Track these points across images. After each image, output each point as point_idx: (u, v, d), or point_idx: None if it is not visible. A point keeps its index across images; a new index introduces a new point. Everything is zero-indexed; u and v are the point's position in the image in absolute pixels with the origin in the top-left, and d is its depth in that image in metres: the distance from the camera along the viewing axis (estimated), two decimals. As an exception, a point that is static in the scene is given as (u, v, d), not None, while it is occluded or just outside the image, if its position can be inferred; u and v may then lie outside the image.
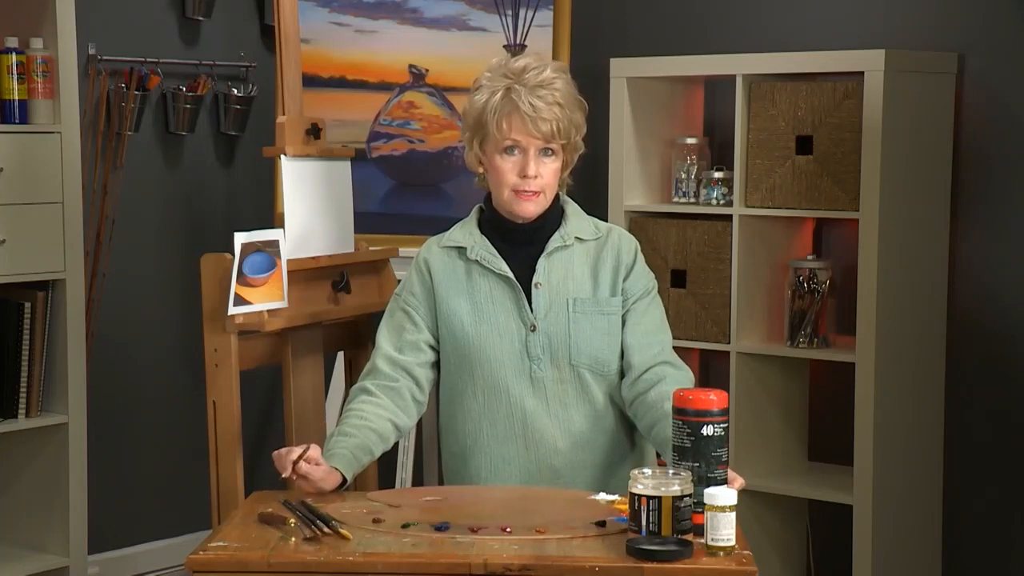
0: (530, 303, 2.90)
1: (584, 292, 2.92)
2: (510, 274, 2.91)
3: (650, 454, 3.02)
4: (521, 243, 2.94)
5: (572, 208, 3.00)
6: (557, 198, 2.97)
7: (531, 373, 2.89)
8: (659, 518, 2.43)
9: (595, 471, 2.92)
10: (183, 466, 4.71)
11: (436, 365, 2.99)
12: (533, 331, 2.89)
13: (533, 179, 2.86)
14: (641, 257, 2.99)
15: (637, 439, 3.00)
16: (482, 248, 2.93)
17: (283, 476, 2.71)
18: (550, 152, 2.87)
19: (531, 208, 2.89)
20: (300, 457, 2.69)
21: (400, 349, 2.94)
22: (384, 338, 2.97)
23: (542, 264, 2.92)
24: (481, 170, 2.95)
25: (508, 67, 2.90)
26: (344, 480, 2.75)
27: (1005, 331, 3.91)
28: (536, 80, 2.85)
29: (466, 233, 2.97)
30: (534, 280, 2.91)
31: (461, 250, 2.95)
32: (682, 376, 2.90)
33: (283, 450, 2.73)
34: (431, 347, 2.96)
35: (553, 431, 2.90)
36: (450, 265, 2.95)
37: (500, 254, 2.93)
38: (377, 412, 2.87)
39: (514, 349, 2.89)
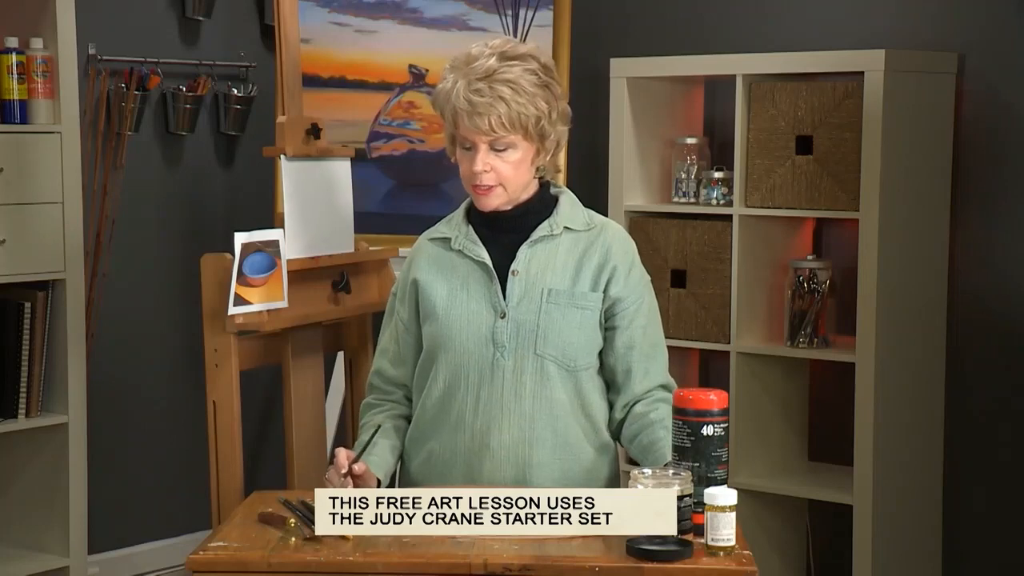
0: (505, 290, 2.85)
1: (562, 284, 2.84)
2: (487, 261, 2.86)
3: (606, 473, 2.90)
4: (506, 230, 2.88)
5: (567, 197, 2.93)
6: (547, 186, 2.92)
7: (493, 361, 2.82)
8: (659, 518, 2.44)
9: (540, 471, 2.81)
10: (183, 466, 4.71)
11: None
12: (502, 318, 2.83)
13: (484, 173, 2.79)
14: (638, 259, 2.92)
15: (594, 455, 2.87)
16: (464, 237, 2.89)
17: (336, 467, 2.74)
18: (503, 144, 2.78)
19: (489, 202, 2.83)
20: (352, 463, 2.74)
21: (393, 363, 2.98)
22: (380, 348, 3.01)
23: (523, 252, 2.85)
24: (454, 161, 2.90)
25: (462, 56, 2.82)
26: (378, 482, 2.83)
27: (1005, 330, 3.91)
28: (480, 71, 2.76)
29: (452, 225, 2.93)
30: (512, 267, 2.85)
31: (446, 240, 2.92)
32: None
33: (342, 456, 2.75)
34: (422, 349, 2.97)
35: (501, 423, 2.81)
36: (435, 256, 2.91)
37: (484, 241, 2.88)
38: (386, 414, 2.96)
39: (480, 336, 2.83)
